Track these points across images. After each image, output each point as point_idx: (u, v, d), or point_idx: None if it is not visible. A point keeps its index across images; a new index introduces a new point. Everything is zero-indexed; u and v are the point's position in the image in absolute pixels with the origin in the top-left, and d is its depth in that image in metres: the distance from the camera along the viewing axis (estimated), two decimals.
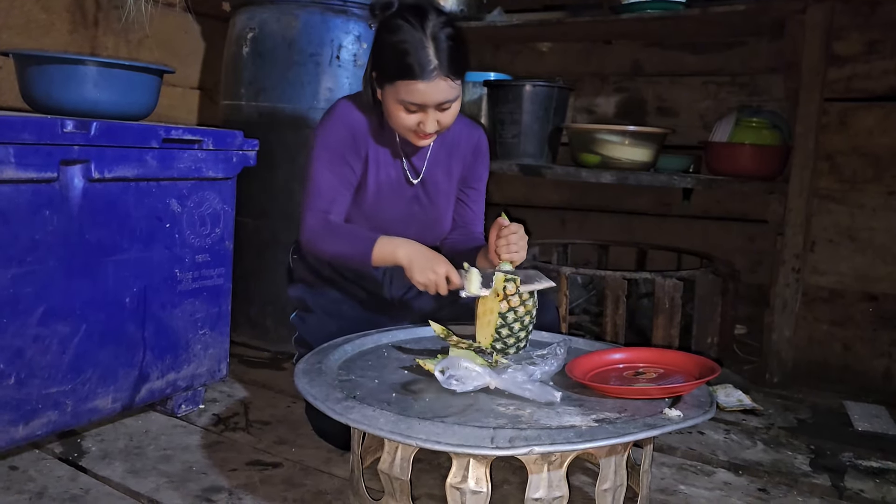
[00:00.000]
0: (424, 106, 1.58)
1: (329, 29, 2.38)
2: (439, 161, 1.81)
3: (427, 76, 1.54)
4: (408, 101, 1.57)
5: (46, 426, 1.55)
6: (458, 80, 1.60)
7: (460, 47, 1.59)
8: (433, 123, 1.60)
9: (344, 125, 1.70)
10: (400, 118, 1.61)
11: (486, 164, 1.89)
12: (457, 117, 1.78)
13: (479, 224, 1.91)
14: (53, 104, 1.72)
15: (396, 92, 1.58)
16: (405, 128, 1.63)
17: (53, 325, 1.54)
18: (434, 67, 1.53)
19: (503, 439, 1.10)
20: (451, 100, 1.60)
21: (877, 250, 2.33)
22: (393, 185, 1.77)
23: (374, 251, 1.61)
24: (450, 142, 1.81)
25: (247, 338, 2.52)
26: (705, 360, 1.43)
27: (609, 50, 3.13)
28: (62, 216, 1.54)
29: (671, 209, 3.07)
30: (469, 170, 1.86)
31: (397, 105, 1.59)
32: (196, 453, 1.69)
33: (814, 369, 2.42)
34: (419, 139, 1.65)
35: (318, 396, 1.28)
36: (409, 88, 1.56)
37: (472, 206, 1.90)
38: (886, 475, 1.75)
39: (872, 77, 2.31)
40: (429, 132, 1.62)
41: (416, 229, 1.80)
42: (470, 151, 1.85)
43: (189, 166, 1.78)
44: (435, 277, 1.56)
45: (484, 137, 1.88)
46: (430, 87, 1.55)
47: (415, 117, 1.60)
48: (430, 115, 1.59)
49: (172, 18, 2.70)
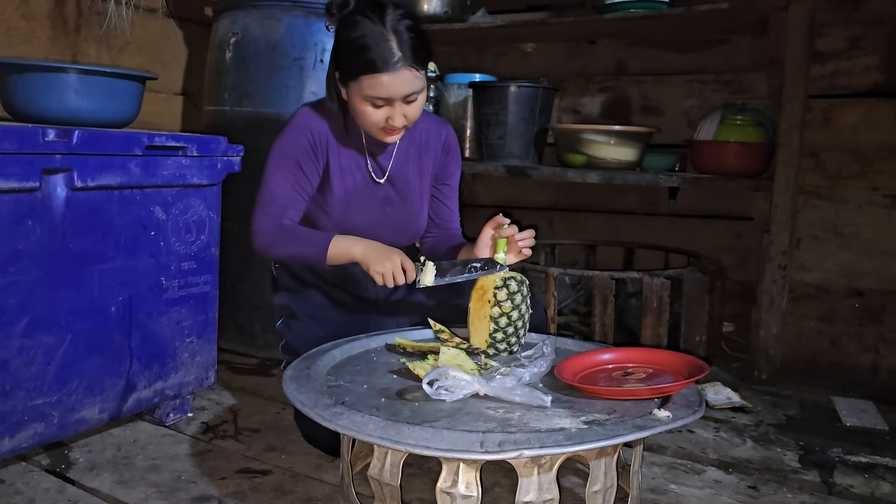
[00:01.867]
0: (391, 99, 1.57)
1: (312, 33, 2.37)
2: (409, 159, 1.81)
3: (391, 68, 1.53)
4: (373, 96, 1.56)
5: (33, 438, 1.54)
6: (422, 71, 1.59)
7: (422, 38, 1.59)
8: (400, 118, 1.60)
9: (302, 132, 1.69)
10: (367, 114, 1.60)
11: (457, 160, 1.89)
12: (423, 114, 1.79)
13: (456, 221, 1.91)
14: (35, 113, 1.70)
15: (361, 88, 1.57)
16: (372, 124, 1.62)
17: (38, 335, 1.53)
18: (398, 59, 1.53)
19: (492, 443, 1.10)
20: (416, 91, 1.59)
21: (862, 246, 2.34)
22: (360, 188, 1.76)
23: (329, 250, 1.61)
24: (419, 139, 1.81)
25: (234, 344, 2.50)
26: (694, 360, 1.44)
27: (593, 50, 3.14)
28: (45, 226, 1.52)
29: (658, 208, 3.07)
30: (441, 167, 1.86)
31: (363, 101, 1.58)
32: (185, 462, 1.68)
33: (801, 365, 2.43)
34: (387, 135, 1.64)
35: (306, 403, 1.27)
36: (373, 82, 1.55)
37: (446, 203, 1.89)
38: (875, 470, 1.76)
39: (855, 73, 2.33)
40: (397, 126, 1.61)
41: (390, 230, 1.80)
42: (440, 148, 1.85)
43: (173, 173, 1.76)
44: (391, 266, 1.57)
45: (452, 133, 1.88)
46: (395, 78, 1.54)
47: (382, 112, 1.59)
48: (396, 109, 1.59)
49: (154, 24, 2.68)
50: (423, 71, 1.59)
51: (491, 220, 1.65)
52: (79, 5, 2.42)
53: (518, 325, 1.55)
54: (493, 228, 1.64)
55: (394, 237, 1.81)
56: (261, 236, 1.68)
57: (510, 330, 1.53)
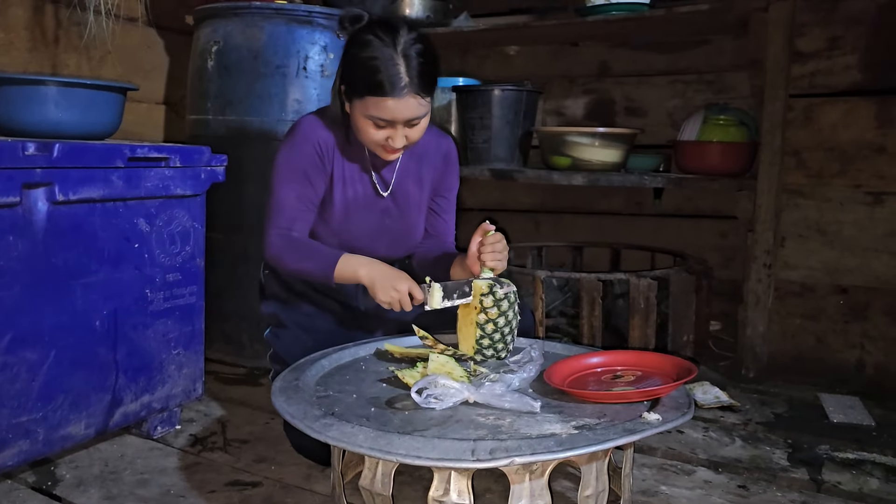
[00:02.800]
0: (393, 122, 1.57)
1: (295, 40, 2.36)
2: (409, 171, 1.81)
3: (397, 93, 1.53)
4: (376, 117, 1.56)
5: (18, 456, 1.52)
6: (427, 98, 1.59)
7: (431, 64, 1.58)
8: (401, 139, 1.60)
9: (308, 143, 1.69)
10: (368, 133, 1.60)
11: (456, 173, 1.88)
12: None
13: (451, 234, 1.91)
14: (14, 126, 1.68)
15: (365, 107, 1.57)
16: (373, 143, 1.62)
17: (21, 352, 1.51)
18: (405, 85, 1.53)
19: (484, 451, 1.09)
20: (419, 116, 1.59)
21: (845, 243, 2.36)
22: (361, 200, 1.76)
23: (336, 270, 1.62)
24: (419, 151, 1.81)
25: (222, 354, 2.49)
26: (683, 361, 1.44)
27: (576, 52, 3.15)
28: (27, 240, 1.51)
29: (643, 208, 3.09)
30: (440, 179, 1.86)
31: (365, 120, 1.59)
32: (174, 476, 1.66)
33: (788, 363, 2.45)
34: (387, 153, 1.65)
35: (295, 415, 1.26)
36: (378, 105, 1.55)
37: (443, 216, 1.89)
38: (863, 466, 1.77)
39: (835, 72, 2.35)
40: (397, 147, 1.61)
41: (387, 242, 1.79)
42: (440, 160, 1.84)
43: (156, 185, 1.75)
44: (398, 296, 1.57)
45: (453, 146, 1.87)
46: (399, 104, 1.54)
47: (383, 133, 1.59)
48: (398, 131, 1.59)
49: (135, 33, 2.66)
50: (427, 98, 1.59)
51: (478, 229, 1.64)
52: (57, 16, 2.40)
53: (505, 332, 1.55)
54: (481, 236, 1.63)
55: (390, 249, 1.80)
56: (271, 248, 1.68)
57: (496, 336, 1.53)
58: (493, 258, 1.59)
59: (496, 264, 1.60)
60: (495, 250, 1.60)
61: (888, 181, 2.29)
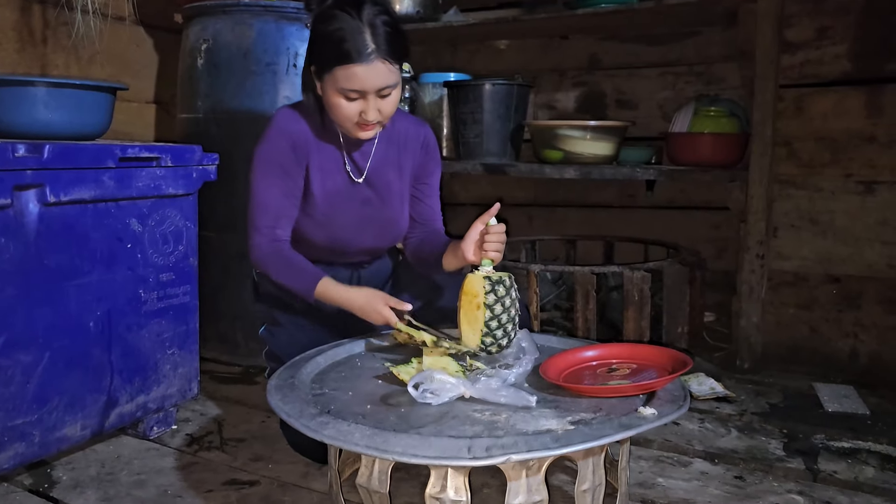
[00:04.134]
0: (364, 92, 1.56)
1: (284, 37, 2.35)
2: (389, 160, 1.80)
3: (365, 59, 1.53)
4: (347, 89, 1.56)
5: (13, 458, 1.52)
6: (397, 66, 1.59)
7: (398, 33, 1.59)
8: (374, 112, 1.59)
9: (283, 135, 1.68)
10: (341, 107, 1.59)
11: (436, 159, 1.88)
12: (401, 115, 1.79)
13: (438, 219, 1.90)
14: (3, 128, 1.67)
15: (335, 80, 1.56)
16: (346, 118, 1.61)
17: (15, 354, 1.50)
18: (371, 51, 1.53)
19: (480, 449, 1.09)
20: (390, 85, 1.58)
21: (837, 233, 2.37)
22: (341, 190, 1.75)
23: (316, 292, 1.64)
24: (398, 139, 1.80)
25: (217, 353, 2.48)
26: (677, 354, 1.44)
27: (566, 45, 3.14)
28: (18, 242, 1.50)
29: (636, 201, 3.09)
30: (420, 166, 1.85)
31: (337, 94, 1.58)
32: (170, 476, 1.66)
33: (782, 353, 2.46)
34: (361, 131, 1.63)
35: (291, 413, 1.26)
36: (347, 73, 1.54)
37: (426, 202, 1.88)
38: (858, 455, 1.78)
39: (825, 62, 2.35)
40: (371, 120, 1.60)
41: (373, 232, 1.79)
42: (419, 147, 1.84)
43: (148, 184, 1.74)
44: (383, 319, 1.60)
45: (431, 133, 1.87)
46: (368, 70, 1.54)
47: (355, 106, 1.58)
48: (370, 103, 1.58)
49: (123, 32, 2.65)
50: (397, 65, 1.59)
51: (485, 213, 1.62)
52: (45, 16, 2.39)
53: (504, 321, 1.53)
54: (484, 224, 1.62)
55: (376, 239, 1.80)
56: (256, 252, 1.68)
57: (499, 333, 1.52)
58: (496, 249, 1.59)
59: (496, 255, 1.60)
60: (499, 241, 1.60)
61: (879, 170, 2.30)
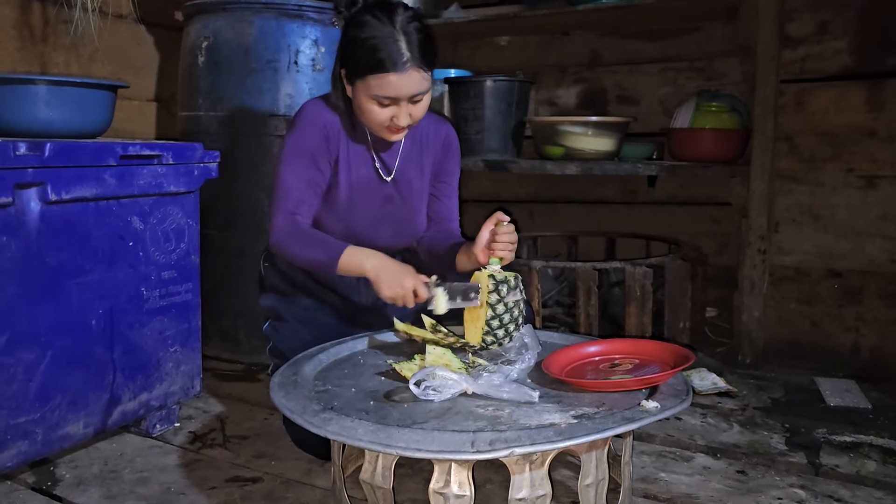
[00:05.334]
0: (398, 99, 1.57)
1: (285, 34, 2.35)
2: (412, 158, 1.81)
3: (400, 68, 1.54)
4: (381, 96, 1.57)
5: (17, 457, 1.52)
6: (429, 72, 1.60)
7: (429, 39, 1.60)
8: (406, 117, 1.60)
9: (315, 126, 1.68)
10: (373, 113, 1.60)
11: (456, 158, 1.88)
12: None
13: (455, 218, 1.91)
14: (4, 126, 1.67)
15: (368, 87, 1.57)
16: (378, 123, 1.62)
17: (18, 353, 1.50)
18: (407, 59, 1.54)
19: (483, 442, 1.10)
20: (423, 92, 1.60)
21: (838, 228, 2.37)
22: (365, 184, 1.76)
23: (341, 260, 1.59)
24: (420, 138, 1.81)
25: (219, 351, 2.49)
26: (680, 349, 1.44)
27: (567, 41, 3.14)
28: (20, 241, 1.50)
29: (637, 196, 3.09)
30: (440, 165, 1.86)
31: (370, 100, 1.58)
32: (173, 473, 1.66)
33: (784, 348, 2.46)
34: (392, 134, 1.64)
35: (294, 410, 1.26)
36: (381, 82, 1.55)
37: (444, 201, 1.89)
38: (860, 448, 1.78)
39: (826, 57, 2.35)
40: (402, 126, 1.61)
41: (391, 229, 1.79)
42: (440, 146, 1.85)
43: (149, 182, 1.74)
44: (402, 292, 1.55)
45: (453, 132, 1.88)
46: (402, 79, 1.55)
47: (388, 111, 1.59)
48: (402, 109, 1.59)
49: (124, 30, 2.64)
50: (429, 72, 1.60)
51: (491, 216, 1.62)
52: (45, 14, 2.39)
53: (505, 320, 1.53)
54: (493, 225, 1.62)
55: (393, 237, 1.80)
56: (276, 234, 1.66)
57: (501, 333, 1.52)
58: (505, 248, 1.59)
59: (506, 255, 1.60)
60: (509, 241, 1.60)
61: (880, 165, 2.30)
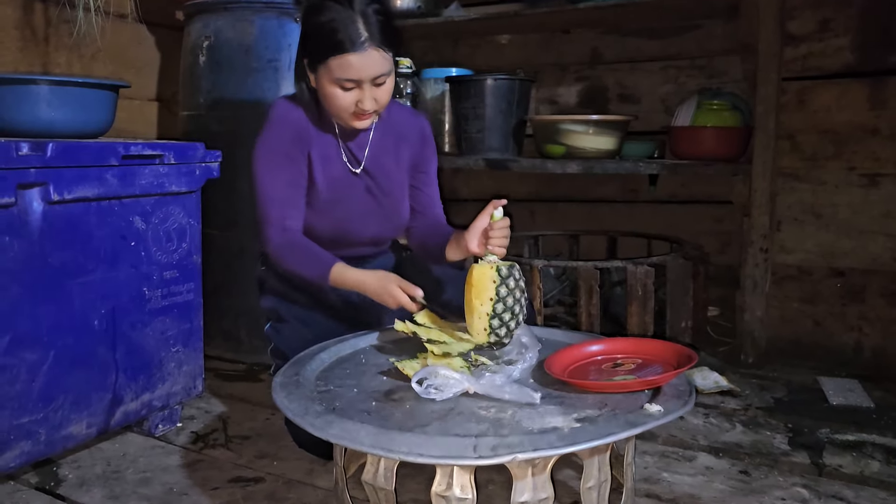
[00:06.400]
0: (360, 81, 1.57)
1: (286, 34, 2.34)
2: (387, 150, 1.81)
3: (359, 48, 1.53)
4: (342, 78, 1.56)
5: (20, 457, 1.52)
6: (390, 53, 1.59)
7: (389, 20, 1.59)
8: (370, 101, 1.59)
9: (284, 124, 1.68)
10: (336, 98, 1.60)
11: (433, 148, 1.89)
12: (399, 107, 1.80)
13: (437, 207, 1.90)
14: (6, 126, 1.67)
15: (330, 71, 1.57)
16: (342, 109, 1.61)
17: (20, 353, 1.51)
18: (365, 39, 1.54)
19: (486, 448, 1.09)
20: (384, 73, 1.59)
21: (841, 226, 2.36)
22: (342, 179, 1.76)
23: (331, 277, 1.62)
24: (395, 130, 1.81)
25: (221, 351, 2.49)
26: (682, 348, 1.44)
27: (568, 39, 3.14)
28: (22, 241, 1.50)
29: (638, 195, 3.08)
30: (418, 155, 1.86)
31: (332, 85, 1.58)
32: (176, 474, 1.66)
33: (787, 347, 2.46)
34: (357, 120, 1.64)
35: (296, 412, 1.26)
36: (341, 63, 1.55)
37: (425, 190, 1.89)
38: (863, 448, 1.78)
39: (827, 55, 2.34)
40: (367, 110, 1.60)
41: (375, 222, 1.79)
42: (417, 137, 1.85)
43: (151, 182, 1.74)
44: (395, 302, 1.58)
45: (427, 123, 1.89)
46: (362, 58, 1.54)
47: (351, 96, 1.59)
48: (366, 92, 1.59)
49: (125, 30, 2.64)
50: (390, 53, 1.59)
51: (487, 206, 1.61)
52: (47, 14, 2.39)
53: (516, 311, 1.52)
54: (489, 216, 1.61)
55: (380, 228, 1.81)
56: (269, 246, 1.68)
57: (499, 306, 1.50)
58: (500, 244, 1.59)
59: (501, 251, 1.59)
60: (503, 235, 1.59)
61: (882, 163, 2.30)
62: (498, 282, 1.50)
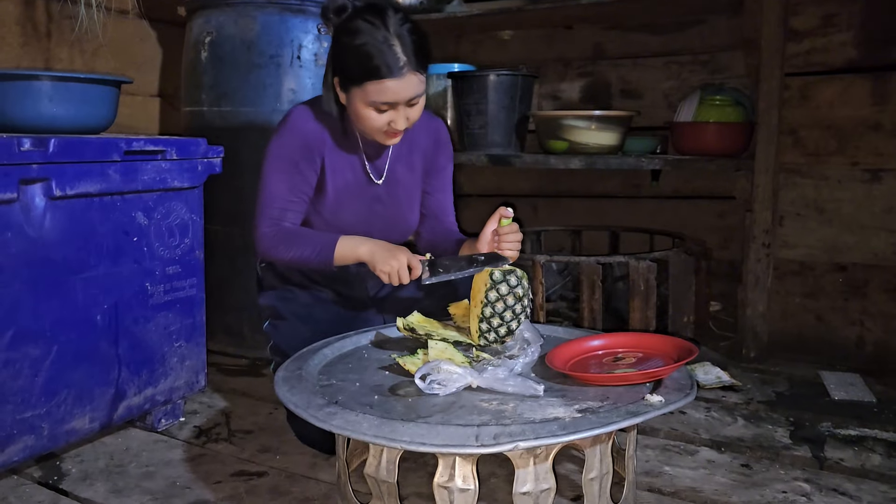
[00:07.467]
0: (396, 104, 1.57)
1: (288, 29, 2.35)
2: (401, 157, 1.81)
3: (397, 74, 1.54)
4: (379, 102, 1.56)
5: (23, 451, 1.52)
6: (424, 74, 1.60)
7: (423, 41, 1.59)
8: (403, 120, 1.61)
9: (298, 133, 1.69)
10: (370, 119, 1.60)
11: (448, 153, 1.88)
12: None
13: (450, 213, 1.91)
14: (8, 122, 1.67)
15: (365, 94, 1.57)
16: (375, 129, 1.62)
17: (23, 348, 1.51)
18: (404, 64, 1.54)
19: (488, 436, 1.10)
20: (420, 94, 1.60)
21: (843, 221, 2.36)
22: (351, 187, 1.76)
23: (336, 251, 1.62)
24: (410, 136, 1.80)
25: (224, 346, 2.49)
26: (683, 342, 1.44)
27: (571, 35, 3.14)
28: (25, 237, 1.50)
29: (641, 191, 3.09)
30: (431, 161, 1.86)
31: (367, 107, 1.58)
32: (179, 468, 1.67)
33: (789, 342, 2.45)
34: (389, 138, 1.65)
35: (299, 404, 1.27)
36: (379, 88, 1.55)
37: (437, 196, 1.89)
38: (864, 442, 1.78)
39: (830, 50, 2.34)
40: (399, 129, 1.62)
41: (380, 228, 1.80)
42: (431, 143, 1.85)
43: (153, 177, 1.75)
44: (397, 265, 1.58)
45: (443, 127, 1.88)
46: (400, 84, 1.55)
47: (385, 116, 1.60)
48: (400, 112, 1.59)
49: (127, 26, 2.65)
50: (425, 74, 1.60)
51: (495, 213, 1.62)
52: (49, 10, 2.39)
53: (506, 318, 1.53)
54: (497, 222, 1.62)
55: (384, 235, 1.80)
56: (263, 241, 1.69)
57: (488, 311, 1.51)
58: (511, 248, 1.60)
59: (512, 255, 1.60)
60: (515, 239, 1.60)
61: (885, 158, 2.29)
62: (489, 285, 1.50)
